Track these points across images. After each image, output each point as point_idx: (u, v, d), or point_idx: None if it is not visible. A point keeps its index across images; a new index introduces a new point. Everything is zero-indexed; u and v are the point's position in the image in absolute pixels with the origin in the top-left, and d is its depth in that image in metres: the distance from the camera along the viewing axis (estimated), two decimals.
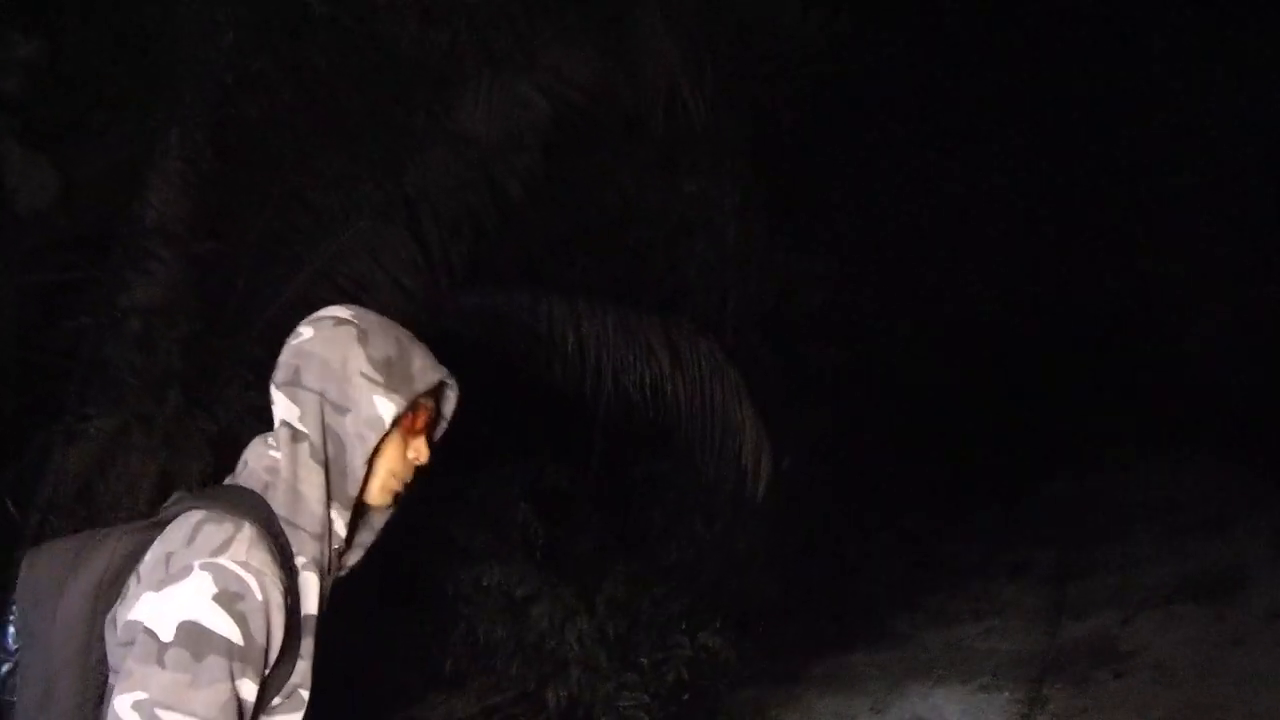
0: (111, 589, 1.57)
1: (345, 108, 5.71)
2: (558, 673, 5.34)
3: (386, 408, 1.67)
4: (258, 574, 1.52)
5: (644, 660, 5.59)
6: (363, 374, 1.66)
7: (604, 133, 6.98)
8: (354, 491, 1.68)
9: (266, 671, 1.54)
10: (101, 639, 1.56)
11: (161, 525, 1.59)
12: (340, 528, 1.69)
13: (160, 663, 1.45)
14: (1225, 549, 7.57)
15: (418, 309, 5.25)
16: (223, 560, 1.51)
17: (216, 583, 1.49)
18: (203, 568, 1.50)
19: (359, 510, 1.75)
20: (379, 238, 5.55)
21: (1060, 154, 13.39)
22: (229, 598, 1.49)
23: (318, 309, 1.77)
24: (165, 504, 1.68)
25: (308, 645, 1.63)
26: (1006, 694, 5.46)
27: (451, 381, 1.80)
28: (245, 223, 5.28)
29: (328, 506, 1.65)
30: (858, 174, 10.19)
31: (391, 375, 1.68)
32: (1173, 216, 12.84)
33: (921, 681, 5.68)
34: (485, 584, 5.48)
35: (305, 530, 1.63)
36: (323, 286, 5.19)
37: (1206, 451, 10.95)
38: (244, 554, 1.52)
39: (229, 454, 1.81)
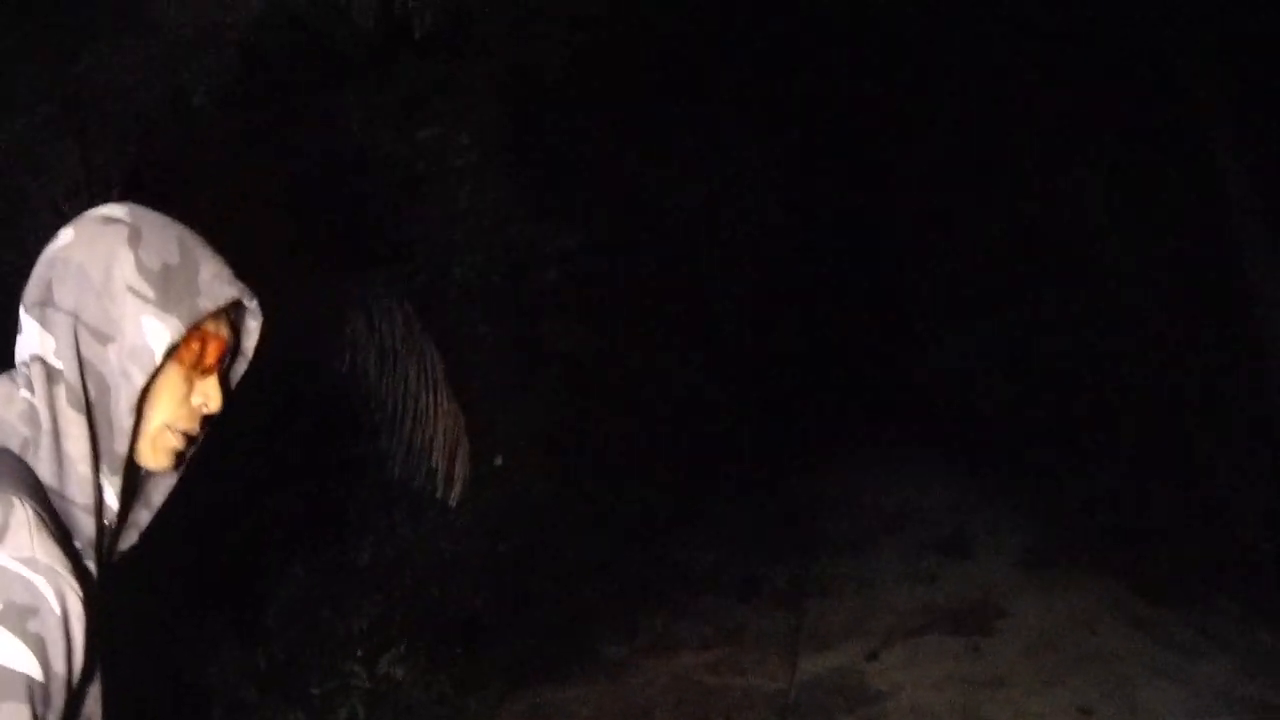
0: None
1: None
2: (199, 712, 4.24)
3: (158, 334, 1.22)
4: (49, 574, 1.07)
5: (315, 691, 4.54)
6: (130, 288, 1.21)
7: (327, 55, 6.03)
8: (122, 449, 1.21)
9: None
10: None
11: None
12: (111, 497, 1.22)
13: None
14: (970, 572, 7.22)
15: None
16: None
17: None
18: None
19: (131, 475, 1.26)
20: (41, 144, 4.54)
21: (822, 156, 13.27)
22: (18, 614, 1.03)
23: None
24: None
25: (93, 661, 1.16)
26: None
27: (253, 304, 1.35)
28: None
29: (96, 469, 1.18)
30: (620, 147, 9.40)
31: (169, 289, 1.23)
32: (932, 227, 12.77)
33: None
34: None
35: (76, 503, 1.16)
36: None
37: (942, 466, 10.84)
38: (28, 546, 1.06)
39: None
